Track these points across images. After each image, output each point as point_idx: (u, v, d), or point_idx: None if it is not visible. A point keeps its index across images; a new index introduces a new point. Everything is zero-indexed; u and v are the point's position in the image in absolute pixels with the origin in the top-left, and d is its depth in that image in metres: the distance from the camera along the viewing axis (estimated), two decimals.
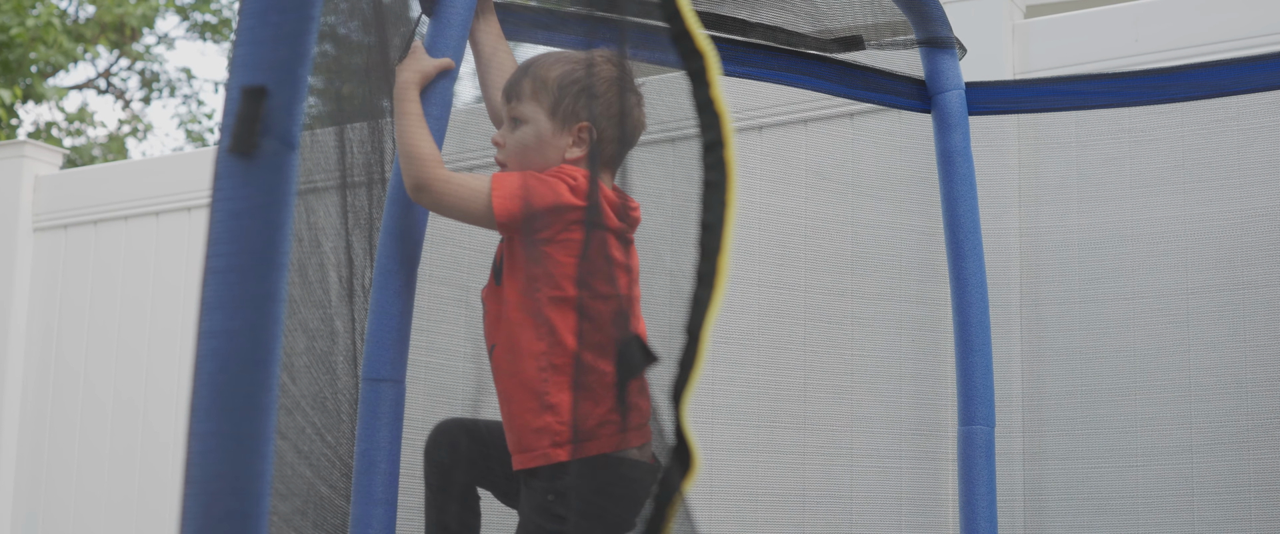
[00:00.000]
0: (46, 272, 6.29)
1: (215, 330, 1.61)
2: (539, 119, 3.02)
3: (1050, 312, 4.35)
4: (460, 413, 3.15)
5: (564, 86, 2.99)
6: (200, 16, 19.04)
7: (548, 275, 2.90)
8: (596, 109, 2.96)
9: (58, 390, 6.17)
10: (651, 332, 2.96)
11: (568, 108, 3.00)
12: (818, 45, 4.03)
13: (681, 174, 3.10)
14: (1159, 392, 4.17)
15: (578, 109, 2.99)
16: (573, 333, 2.87)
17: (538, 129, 3.02)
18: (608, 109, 2.97)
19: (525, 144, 3.03)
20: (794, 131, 4.71)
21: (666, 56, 2.66)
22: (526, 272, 2.93)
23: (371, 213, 3.13)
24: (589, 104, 2.98)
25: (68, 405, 6.14)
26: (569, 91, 2.99)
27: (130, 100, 19.10)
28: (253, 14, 1.66)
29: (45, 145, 6.46)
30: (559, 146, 3.01)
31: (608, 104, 2.99)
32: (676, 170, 3.22)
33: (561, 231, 2.91)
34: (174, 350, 5.94)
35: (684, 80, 1.83)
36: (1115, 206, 4.31)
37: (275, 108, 1.64)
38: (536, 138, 3.02)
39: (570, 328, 2.87)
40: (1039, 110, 4.21)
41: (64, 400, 6.15)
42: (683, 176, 3.17)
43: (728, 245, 1.71)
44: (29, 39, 15.15)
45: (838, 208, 4.61)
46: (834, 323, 4.57)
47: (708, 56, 1.77)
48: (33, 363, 6.22)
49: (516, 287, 2.95)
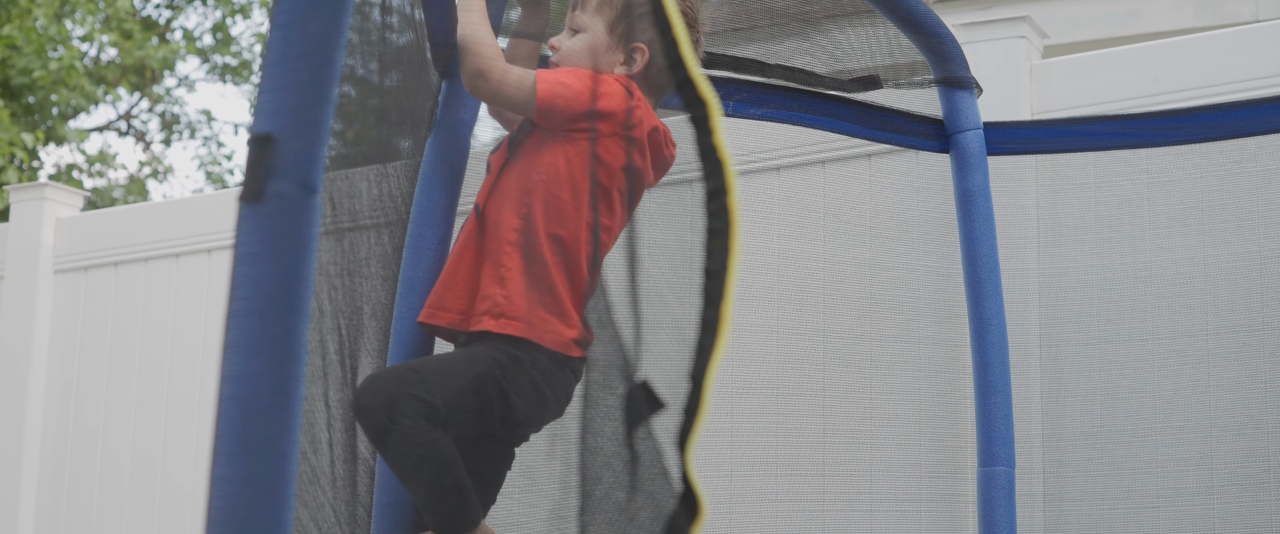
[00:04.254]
0: (67, 313, 6.31)
1: (236, 374, 1.63)
2: (597, 30, 3.14)
3: (1069, 353, 4.34)
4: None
5: (630, 4, 3.06)
6: (220, 59, 19.15)
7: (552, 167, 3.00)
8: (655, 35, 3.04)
9: (77, 438, 6.18)
10: (656, 378, 2.99)
11: (627, 27, 3.10)
12: (835, 86, 4.05)
13: (686, 221, 3.13)
14: (1177, 433, 4.16)
15: (637, 30, 3.09)
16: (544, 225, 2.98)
17: (593, 40, 3.14)
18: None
19: (577, 52, 3.15)
20: (811, 173, 4.71)
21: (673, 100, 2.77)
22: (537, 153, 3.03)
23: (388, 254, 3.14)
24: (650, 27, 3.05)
25: (87, 454, 6.14)
26: (633, 11, 3.06)
27: (151, 142, 19.19)
28: (275, 61, 1.68)
29: (66, 187, 6.48)
30: (610, 61, 3.12)
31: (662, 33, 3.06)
32: (681, 218, 3.25)
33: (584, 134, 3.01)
34: (193, 395, 5.95)
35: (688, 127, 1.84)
36: (1133, 248, 4.31)
37: (291, 153, 1.65)
38: (589, 48, 3.14)
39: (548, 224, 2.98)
40: (1057, 151, 4.22)
41: (82, 449, 6.16)
42: (686, 224, 3.20)
43: (731, 292, 1.72)
44: (51, 81, 15.23)
45: (855, 250, 4.61)
46: (852, 367, 4.57)
47: (710, 104, 1.78)
48: (52, 406, 6.24)
49: (524, 162, 3.04)
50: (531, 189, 3.00)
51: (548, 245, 2.99)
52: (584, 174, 3.00)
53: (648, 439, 2.40)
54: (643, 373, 2.15)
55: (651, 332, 2.54)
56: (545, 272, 2.98)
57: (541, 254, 2.98)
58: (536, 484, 3.36)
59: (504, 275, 2.99)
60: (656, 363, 3.03)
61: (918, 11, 3.89)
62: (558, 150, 3.02)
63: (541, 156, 3.03)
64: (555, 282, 2.99)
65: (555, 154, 3.01)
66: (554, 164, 3.01)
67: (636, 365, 2.20)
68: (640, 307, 2.21)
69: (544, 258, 2.98)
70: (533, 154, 3.05)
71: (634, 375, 2.13)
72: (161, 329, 6.10)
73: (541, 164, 3.02)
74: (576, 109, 2.98)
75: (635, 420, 2.08)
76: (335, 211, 2.98)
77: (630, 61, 3.12)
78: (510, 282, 2.98)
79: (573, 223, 3.00)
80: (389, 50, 3.09)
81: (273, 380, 1.62)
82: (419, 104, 3.17)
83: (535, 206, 3.00)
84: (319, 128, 1.68)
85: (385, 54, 3.09)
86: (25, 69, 15.04)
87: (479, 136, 3.35)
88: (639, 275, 2.49)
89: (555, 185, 3.00)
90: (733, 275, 1.72)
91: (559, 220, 2.99)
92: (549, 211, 2.99)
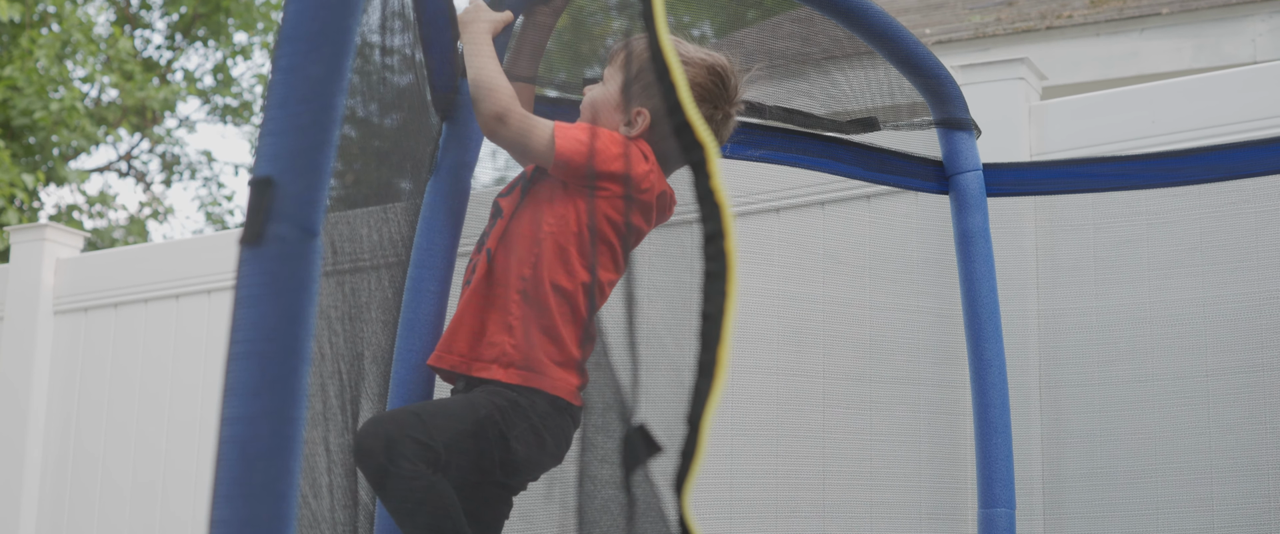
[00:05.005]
0: (67, 354, 6.30)
1: (236, 416, 1.63)
2: (611, 87, 3.20)
3: (1068, 394, 4.34)
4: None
5: (644, 70, 3.08)
6: (221, 100, 19.19)
7: (562, 219, 3.04)
8: (658, 104, 3.05)
9: (76, 473, 6.17)
10: (654, 421, 3.01)
11: (637, 91, 3.12)
12: (834, 127, 4.05)
13: (684, 264, 3.15)
14: (1176, 474, 4.16)
15: (644, 95, 3.11)
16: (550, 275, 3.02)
17: (607, 94, 3.20)
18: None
19: (594, 102, 3.21)
20: (811, 214, 4.72)
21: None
22: (549, 203, 3.07)
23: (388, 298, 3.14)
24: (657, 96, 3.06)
25: (87, 488, 6.14)
26: (644, 77, 3.06)
27: (151, 183, 19.21)
28: (276, 104, 1.69)
29: (66, 228, 6.49)
30: (614, 120, 3.15)
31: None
32: (679, 261, 3.28)
33: (598, 192, 3.05)
34: (192, 434, 5.95)
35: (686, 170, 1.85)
36: (1132, 289, 4.31)
37: (291, 196, 1.66)
38: (603, 101, 3.20)
39: (554, 275, 3.02)
40: (1056, 192, 4.22)
41: (83, 482, 6.15)
42: (685, 267, 3.22)
43: (728, 336, 1.72)
44: (52, 122, 15.25)
45: (854, 291, 4.61)
46: (852, 409, 4.56)
47: (708, 148, 1.79)
48: (52, 446, 6.23)
49: (534, 210, 3.08)
50: (541, 238, 3.03)
51: (553, 296, 3.01)
52: (592, 229, 3.02)
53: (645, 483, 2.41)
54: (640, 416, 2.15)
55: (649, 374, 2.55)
56: (550, 321, 3.00)
57: (547, 304, 3.00)
58: (534, 528, 3.35)
59: (511, 323, 3.01)
60: (654, 405, 3.04)
61: (917, 53, 3.90)
62: (568, 203, 3.05)
63: (552, 207, 3.06)
64: (560, 331, 3.01)
65: (566, 206, 3.05)
66: (564, 216, 3.03)
67: (634, 408, 2.20)
68: (638, 349, 2.22)
69: (550, 308, 3.01)
70: (544, 203, 3.07)
71: (631, 418, 2.13)
72: (161, 368, 6.09)
73: (552, 214, 3.05)
74: (593, 168, 3.00)
75: (633, 464, 2.09)
76: (336, 255, 2.98)
77: (630, 124, 3.13)
78: (517, 330, 3.00)
79: (578, 275, 3.02)
80: (390, 92, 3.11)
81: (272, 424, 1.62)
82: (419, 146, 3.18)
83: (543, 256, 3.02)
84: (320, 171, 1.68)
85: (386, 95, 3.10)
86: (26, 110, 15.07)
87: (479, 178, 3.36)
88: (637, 318, 2.50)
89: (564, 237, 3.02)
90: (730, 319, 1.72)
91: (566, 272, 3.02)
92: (556, 263, 3.02)
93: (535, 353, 3.00)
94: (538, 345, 3.00)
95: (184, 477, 5.93)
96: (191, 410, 5.98)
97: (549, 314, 3.00)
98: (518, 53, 3.35)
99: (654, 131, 3.12)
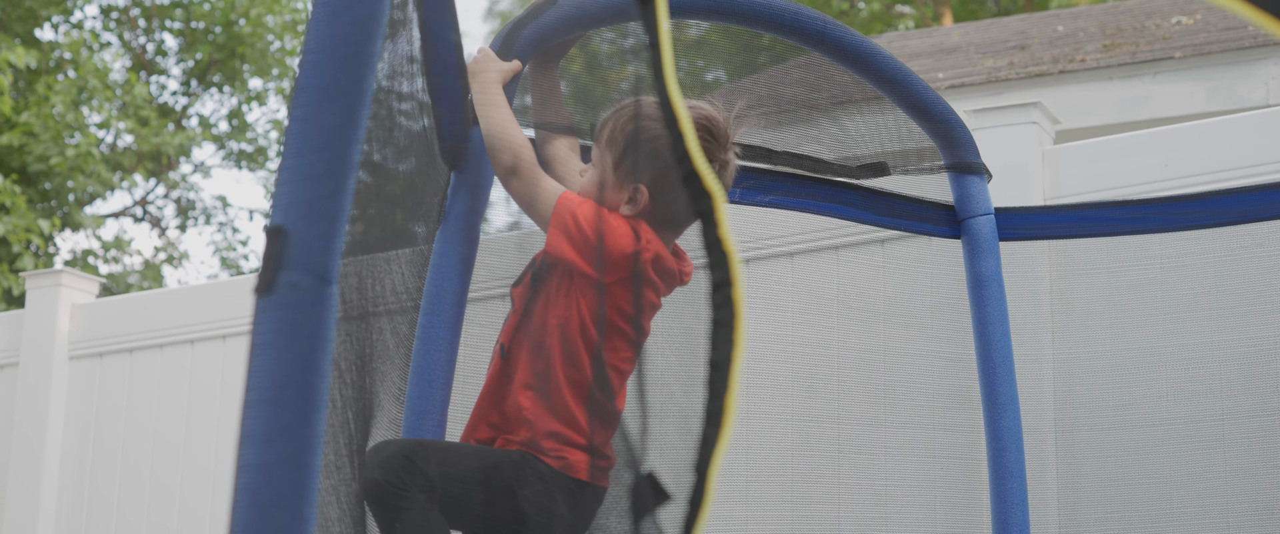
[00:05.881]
0: (82, 400, 6.32)
1: (250, 463, 1.64)
2: (604, 166, 3.14)
3: (1083, 438, 4.33)
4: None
5: (629, 145, 3.07)
6: (236, 145, 19.26)
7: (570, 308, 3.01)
8: (653, 174, 3.03)
9: (92, 515, 6.18)
10: (662, 468, 3.02)
11: (628, 167, 3.10)
12: (845, 172, 4.06)
13: (691, 311, 3.15)
14: (1191, 519, 4.14)
15: (636, 169, 3.08)
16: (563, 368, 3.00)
17: (601, 176, 3.14)
18: (663, 174, 3.03)
19: (591, 184, 3.15)
20: (823, 258, 4.73)
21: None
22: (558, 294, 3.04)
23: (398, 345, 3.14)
24: (648, 167, 3.04)
25: (102, 525, 6.14)
26: (631, 152, 3.06)
27: (166, 228, 19.27)
28: (292, 153, 1.70)
29: (82, 274, 6.52)
30: (615, 200, 3.10)
31: (665, 170, 3.08)
32: (687, 308, 3.27)
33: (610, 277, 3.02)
34: (207, 476, 5.95)
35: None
36: (1145, 332, 4.31)
37: (305, 244, 1.67)
38: (598, 184, 3.13)
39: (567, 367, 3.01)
40: (1069, 236, 4.22)
41: (98, 525, 6.15)
42: (692, 314, 3.22)
43: (736, 384, 1.73)
44: (68, 168, 15.32)
45: (867, 336, 4.61)
46: (865, 454, 4.56)
47: (716, 196, 1.80)
48: (67, 490, 6.24)
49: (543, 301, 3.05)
50: (551, 331, 3.01)
51: (567, 387, 3.00)
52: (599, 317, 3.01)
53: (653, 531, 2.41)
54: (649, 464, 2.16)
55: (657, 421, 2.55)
56: (567, 410, 3.00)
57: (562, 395, 2.99)
58: None
59: (528, 417, 3.00)
60: (662, 453, 3.04)
61: (926, 98, 3.91)
62: (576, 293, 3.02)
63: (561, 298, 3.03)
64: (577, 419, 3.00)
65: (575, 296, 3.02)
66: (573, 306, 3.01)
67: (643, 456, 2.20)
68: (647, 396, 2.22)
69: (565, 399, 3.00)
70: (554, 293, 3.05)
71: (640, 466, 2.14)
72: (176, 412, 6.11)
73: (560, 306, 3.03)
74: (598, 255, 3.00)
75: (641, 512, 2.09)
76: (345, 303, 2.99)
77: (633, 201, 3.08)
78: (537, 423, 2.99)
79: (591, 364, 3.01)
80: (400, 137, 3.11)
81: (287, 471, 1.62)
82: (429, 194, 3.19)
83: (555, 349, 3.01)
84: (335, 219, 1.69)
85: (397, 141, 3.11)
86: (42, 156, 15.14)
87: (493, 222, 3.36)
88: (645, 366, 2.50)
89: (572, 329, 3.00)
90: (737, 367, 1.73)
91: (575, 365, 3.00)
92: (568, 355, 3.01)
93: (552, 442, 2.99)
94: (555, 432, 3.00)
95: (198, 518, 5.93)
96: (206, 453, 5.98)
97: (564, 404, 2.99)
98: (545, 104, 3.36)
99: (655, 201, 3.09)
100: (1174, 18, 9.76)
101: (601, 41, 3.57)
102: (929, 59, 10.35)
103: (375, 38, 1.74)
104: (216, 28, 18.43)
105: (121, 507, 6.13)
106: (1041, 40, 10.18)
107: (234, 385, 5.93)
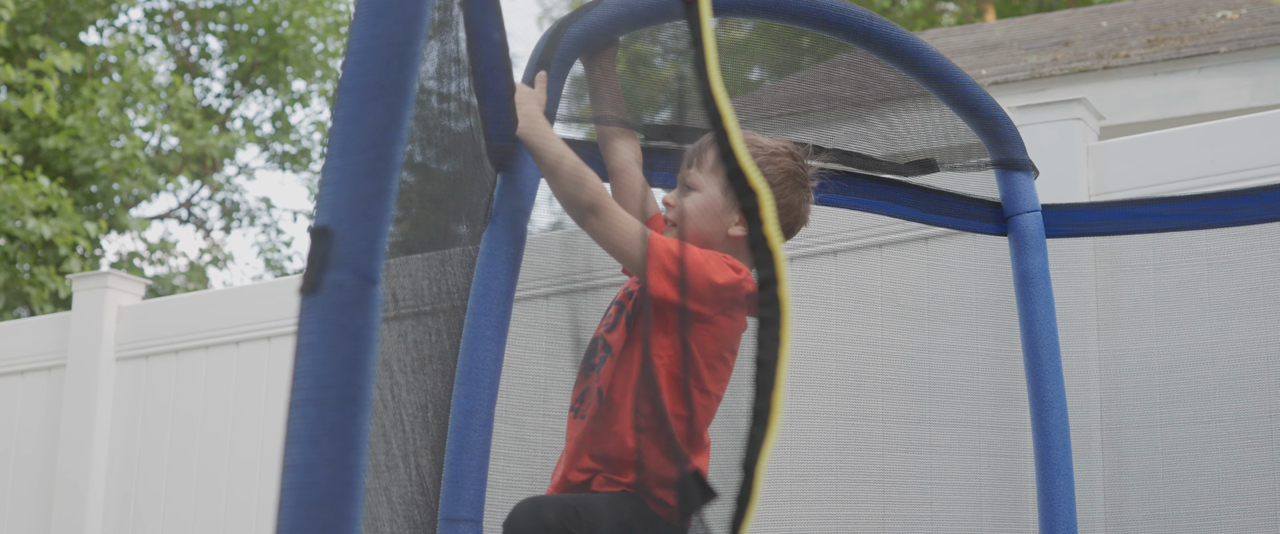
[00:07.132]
0: (128, 401, 6.35)
1: (295, 463, 1.63)
2: (711, 192, 3.14)
3: (1130, 436, 4.31)
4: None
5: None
6: (280, 147, 19.34)
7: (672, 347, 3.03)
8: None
9: (139, 511, 6.21)
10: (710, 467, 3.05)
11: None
12: (891, 169, 4.05)
13: None
14: (1240, 517, 4.11)
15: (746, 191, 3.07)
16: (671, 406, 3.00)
17: (710, 200, 3.14)
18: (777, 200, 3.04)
19: (695, 210, 3.15)
20: (869, 256, 4.71)
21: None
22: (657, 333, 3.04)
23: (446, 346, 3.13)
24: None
25: (149, 522, 6.17)
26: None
27: (211, 230, 19.36)
28: (336, 153, 1.70)
29: (128, 276, 6.55)
30: (726, 222, 3.13)
31: (778, 195, 3.13)
32: None
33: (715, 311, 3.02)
34: (253, 478, 5.98)
35: None
36: (1192, 329, 4.28)
37: (350, 244, 1.67)
38: (707, 207, 3.14)
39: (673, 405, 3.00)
40: (1115, 233, 4.19)
41: (144, 519, 6.19)
42: None
43: (782, 382, 1.72)
44: (113, 171, 15.41)
45: (913, 334, 4.59)
46: (911, 452, 4.54)
47: (761, 194, 1.79)
48: (114, 492, 6.27)
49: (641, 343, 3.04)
50: (654, 371, 3.01)
51: (676, 423, 3.00)
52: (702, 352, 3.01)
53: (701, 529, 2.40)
54: None
55: None
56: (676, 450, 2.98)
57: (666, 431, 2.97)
58: None
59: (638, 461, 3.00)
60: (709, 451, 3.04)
61: (973, 94, 3.90)
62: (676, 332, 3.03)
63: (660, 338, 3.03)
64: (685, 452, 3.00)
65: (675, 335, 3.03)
66: (674, 346, 3.02)
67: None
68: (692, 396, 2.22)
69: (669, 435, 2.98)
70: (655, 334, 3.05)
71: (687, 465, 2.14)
72: (222, 412, 6.13)
73: (661, 347, 3.03)
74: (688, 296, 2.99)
75: (688, 510, 2.09)
76: (397, 302, 2.99)
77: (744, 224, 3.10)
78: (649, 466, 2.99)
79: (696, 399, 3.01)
80: (446, 138, 3.11)
81: (332, 471, 1.62)
82: (476, 194, 3.18)
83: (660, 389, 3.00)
84: (379, 219, 1.69)
85: (443, 142, 3.11)
86: (88, 159, 15.24)
87: (536, 222, 3.36)
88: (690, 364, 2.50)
89: (675, 367, 3.01)
90: (784, 365, 1.72)
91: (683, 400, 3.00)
92: (673, 392, 3.00)
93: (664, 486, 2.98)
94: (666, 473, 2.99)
95: (245, 507, 5.97)
96: (252, 447, 6.01)
97: (669, 440, 2.97)
98: (599, 99, 3.36)
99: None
100: (1219, 12, 9.70)
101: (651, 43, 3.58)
102: (972, 56, 10.32)
103: (418, 37, 1.73)
104: (260, 30, 18.51)
105: (169, 501, 6.16)
106: (1085, 36, 10.13)
107: (279, 385, 5.96)
